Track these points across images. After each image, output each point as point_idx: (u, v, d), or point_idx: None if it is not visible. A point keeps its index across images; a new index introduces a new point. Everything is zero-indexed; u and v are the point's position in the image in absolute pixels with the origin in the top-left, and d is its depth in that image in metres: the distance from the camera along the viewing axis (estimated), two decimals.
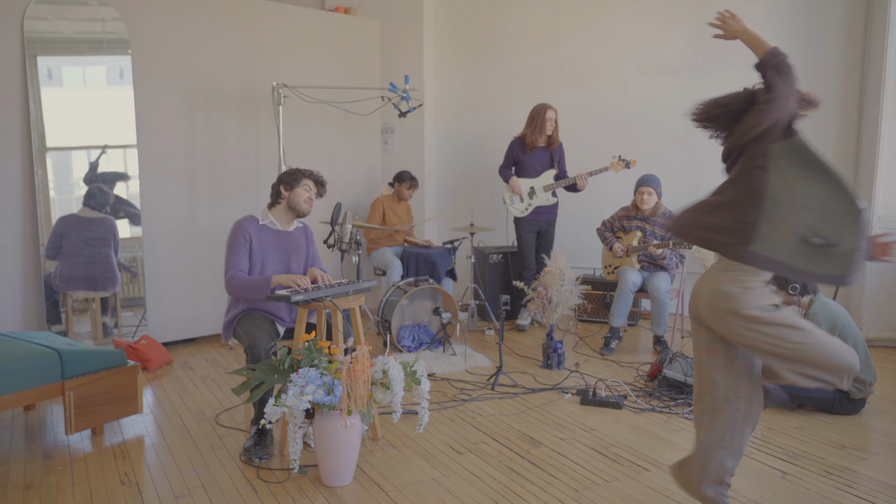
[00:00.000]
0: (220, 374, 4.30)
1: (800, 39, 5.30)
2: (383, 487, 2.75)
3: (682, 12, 5.57)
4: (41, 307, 4.38)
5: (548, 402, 3.76)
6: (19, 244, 4.32)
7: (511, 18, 6.13)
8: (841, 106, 5.25)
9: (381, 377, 2.79)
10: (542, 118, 5.18)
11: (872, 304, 4.89)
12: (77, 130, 4.49)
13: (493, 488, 2.74)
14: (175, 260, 4.87)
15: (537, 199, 5.29)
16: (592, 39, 5.87)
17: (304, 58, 5.43)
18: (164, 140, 4.77)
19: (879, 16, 4.90)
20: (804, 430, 3.33)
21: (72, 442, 3.24)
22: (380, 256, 5.39)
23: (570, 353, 4.68)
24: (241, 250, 3.20)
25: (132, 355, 4.30)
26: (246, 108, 5.14)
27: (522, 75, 6.13)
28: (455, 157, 6.43)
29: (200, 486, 2.77)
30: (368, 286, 3.31)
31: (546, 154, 5.30)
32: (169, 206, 4.82)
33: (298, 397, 2.62)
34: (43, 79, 4.34)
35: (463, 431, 3.34)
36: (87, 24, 4.49)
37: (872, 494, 2.68)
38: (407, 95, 4.85)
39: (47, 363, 3.08)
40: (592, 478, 2.84)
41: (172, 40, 4.75)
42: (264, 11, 5.20)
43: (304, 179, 3.33)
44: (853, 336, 3.45)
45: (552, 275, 4.48)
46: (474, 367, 4.42)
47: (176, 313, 4.90)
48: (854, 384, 3.45)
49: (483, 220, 6.12)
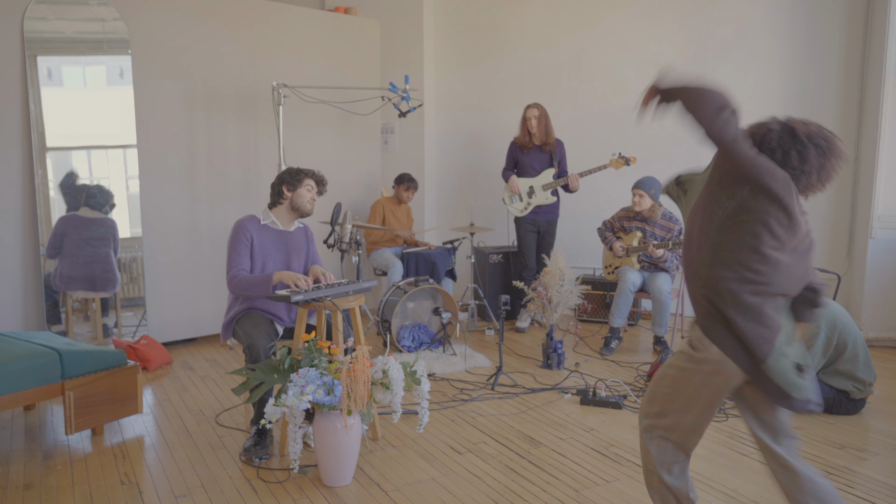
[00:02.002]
0: (220, 374, 4.30)
1: (800, 39, 5.30)
2: (383, 487, 2.75)
3: (682, 12, 5.57)
4: (41, 307, 4.38)
5: (548, 402, 3.76)
6: (19, 244, 4.32)
7: (511, 18, 6.13)
8: (841, 106, 5.26)
9: (381, 377, 2.79)
10: (523, 118, 5.25)
11: (872, 304, 4.89)
12: (77, 130, 4.49)
13: (493, 488, 2.74)
14: (175, 260, 4.86)
15: (536, 198, 5.29)
16: (592, 39, 5.87)
17: (304, 58, 5.43)
18: (164, 140, 4.77)
19: (879, 16, 4.90)
20: (804, 430, 3.33)
21: (72, 442, 3.24)
22: (380, 257, 5.39)
23: (570, 353, 4.68)
24: (243, 250, 3.20)
25: (132, 355, 4.30)
26: (246, 108, 5.14)
27: (522, 75, 6.13)
28: (455, 157, 6.43)
29: (200, 486, 2.77)
30: (368, 286, 3.31)
31: (544, 154, 5.30)
32: (169, 206, 4.82)
33: (298, 397, 2.62)
34: (43, 79, 4.34)
35: (463, 431, 3.34)
36: (87, 24, 4.48)
37: (872, 494, 2.68)
38: (407, 95, 4.85)
39: (47, 363, 3.08)
40: (592, 478, 2.84)
41: (172, 40, 4.75)
42: (264, 11, 5.20)
43: (306, 179, 3.33)
44: (853, 336, 3.46)
45: (552, 275, 4.48)
46: (474, 367, 4.42)
47: (176, 313, 4.90)
48: (854, 384, 3.46)
49: (483, 220, 6.12)
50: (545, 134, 5.24)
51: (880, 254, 4.86)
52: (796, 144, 1.89)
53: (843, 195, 5.31)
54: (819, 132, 1.92)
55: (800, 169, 1.89)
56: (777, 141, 1.90)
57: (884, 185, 4.80)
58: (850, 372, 3.44)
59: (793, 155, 1.88)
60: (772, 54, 5.38)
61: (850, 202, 5.29)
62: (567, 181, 5.16)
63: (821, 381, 3.49)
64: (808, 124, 1.92)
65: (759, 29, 5.40)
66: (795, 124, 1.92)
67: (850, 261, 5.29)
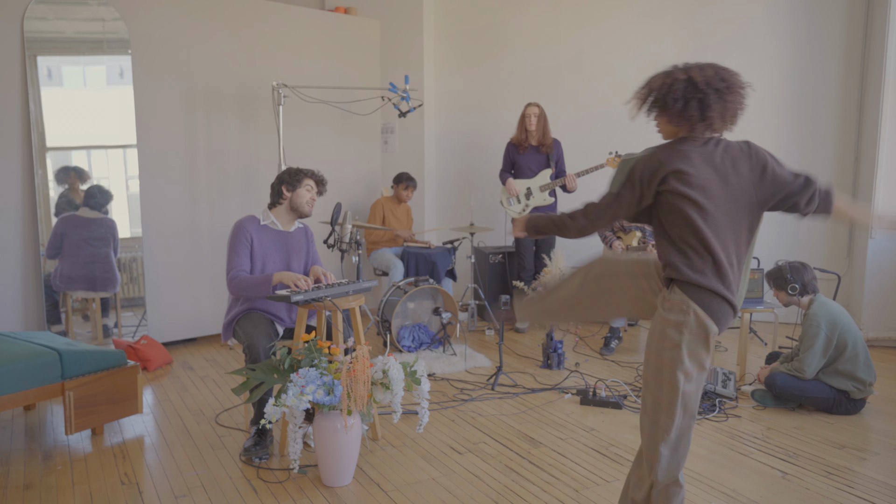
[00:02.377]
0: (220, 374, 4.30)
1: (800, 39, 5.30)
2: (383, 487, 2.75)
3: (682, 12, 5.57)
4: (41, 307, 4.38)
5: (548, 402, 3.76)
6: (19, 244, 4.32)
7: (511, 18, 6.13)
8: (841, 106, 5.26)
9: (381, 377, 2.79)
10: (521, 115, 5.25)
11: (872, 304, 4.89)
12: (77, 130, 4.49)
13: (493, 488, 2.74)
14: (175, 260, 4.86)
15: (534, 199, 5.29)
16: (592, 39, 5.87)
17: (304, 58, 5.43)
18: (164, 140, 4.77)
19: (879, 16, 4.90)
20: (804, 430, 3.33)
21: (72, 442, 3.24)
22: (380, 257, 5.39)
23: (570, 353, 4.68)
24: (243, 250, 3.20)
25: (132, 355, 4.30)
26: (246, 108, 5.14)
27: (522, 75, 6.13)
28: (455, 157, 6.43)
29: (200, 486, 2.77)
30: (368, 286, 3.31)
31: (540, 154, 5.30)
32: (169, 206, 4.82)
33: (298, 397, 2.62)
34: (43, 79, 4.34)
35: (463, 431, 3.34)
36: (87, 24, 4.48)
37: (872, 494, 2.68)
38: (407, 95, 4.85)
39: (47, 363, 3.07)
40: (592, 478, 2.84)
41: (172, 40, 4.75)
42: (264, 11, 5.20)
43: (305, 179, 3.32)
44: (853, 336, 3.46)
45: (552, 275, 4.47)
46: (474, 367, 4.42)
47: (176, 313, 4.90)
48: (854, 384, 3.45)
49: (483, 220, 6.12)
50: (543, 134, 5.24)
51: (880, 254, 4.86)
52: (697, 93, 1.96)
53: (843, 195, 5.30)
54: (716, 74, 1.98)
55: (699, 117, 1.97)
56: (682, 92, 1.97)
57: (884, 185, 4.80)
58: (850, 372, 3.44)
59: (693, 105, 1.96)
60: (772, 54, 5.38)
61: None
62: (565, 181, 5.16)
63: (821, 381, 3.49)
64: (703, 69, 1.99)
65: (759, 29, 5.40)
66: (692, 72, 1.98)
67: (850, 261, 5.29)
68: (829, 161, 5.34)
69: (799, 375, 3.49)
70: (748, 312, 4.06)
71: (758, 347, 4.83)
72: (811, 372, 3.46)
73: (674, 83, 1.98)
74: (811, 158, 5.38)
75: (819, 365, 3.47)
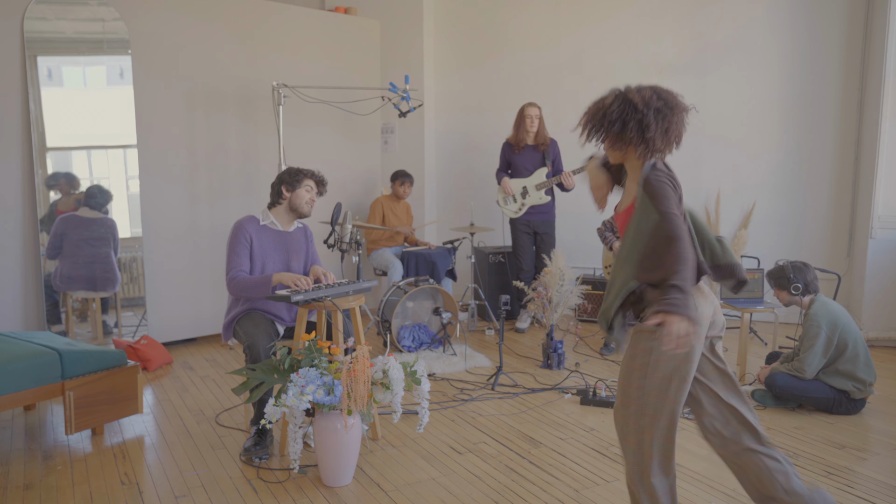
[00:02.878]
0: (220, 374, 4.30)
1: (800, 39, 5.30)
2: (383, 487, 2.75)
3: (682, 12, 5.57)
4: (41, 307, 4.38)
5: (548, 402, 3.76)
6: (19, 244, 4.32)
7: (511, 18, 6.13)
8: (841, 106, 5.26)
9: (381, 377, 2.79)
10: (522, 115, 5.24)
11: (872, 304, 4.89)
12: (77, 130, 4.49)
13: (493, 488, 2.74)
14: (175, 260, 4.86)
15: (530, 198, 5.29)
16: (592, 39, 5.87)
17: (304, 58, 5.43)
18: (164, 140, 4.77)
19: (879, 16, 4.90)
20: (804, 430, 3.33)
21: (72, 442, 3.24)
22: (380, 257, 5.39)
23: (570, 353, 4.68)
24: (242, 251, 3.20)
25: (132, 355, 4.30)
26: (246, 108, 5.14)
27: (522, 75, 6.13)
28: (455, 157, 6.43)
29: (200, 486, 2.77)
30: (368, 286, 3.31)
31: (536, 153, 5.30)
32: (169, 206, 4.82)
33: (298, 397, 2.62)
34: (43, 79, 4.34)
35: (463, 431, 3.34)
36: (87, 24, 4.48)
37: (872, 494, 2.68)
38: (407, 95, 4.85)
39: (47, 363, 3.08)
40: (592, 478, 2.84)
41: (172, 40, 4.75)
42: (264, 11, 5.21)
43: (305, 180, 3.32)
44: (853, 336, 3.45)
45: (552, 275, 4.48)
46: (474, 367, 4.42)
47: (176, 313, 4.90)
48: (854, 384, 3.45)
49: (483, 220, 6.12)
50: (541, 134, 5.25)
51: (880, 254, 4.86)
52: (636, 115, 1.93)
53: (843, 195, 5.31)
54: (653, 94, 1.95)
55: (639, 138, 1.95)
56: (617, 114, 1.95)
57: (884, 185, 4.80)
58: (850, 372, 3.44)
59: (631, 126, 1.94)
60: (772, 54, 5.38)
61: (850, 202, 5.29)
62: (561, 179, 5.15)
63: (821, 381, 3.49)
64: (641, 90, 1.96)
65: (759, 29, 5.40)
66: (631, 94, 1.96)
67: (850, 261, 5.29)
68: (829, 161, 5.34)
69: (799, 375, 3.49)
70: (748, 312, 4.06)
71: (758, 347, 4.83)
72: (811, 372, 3.46)
73: (611, 104, 1.97)
74: (811, 158, 5.38)
75: (819, 365, 3.46)
